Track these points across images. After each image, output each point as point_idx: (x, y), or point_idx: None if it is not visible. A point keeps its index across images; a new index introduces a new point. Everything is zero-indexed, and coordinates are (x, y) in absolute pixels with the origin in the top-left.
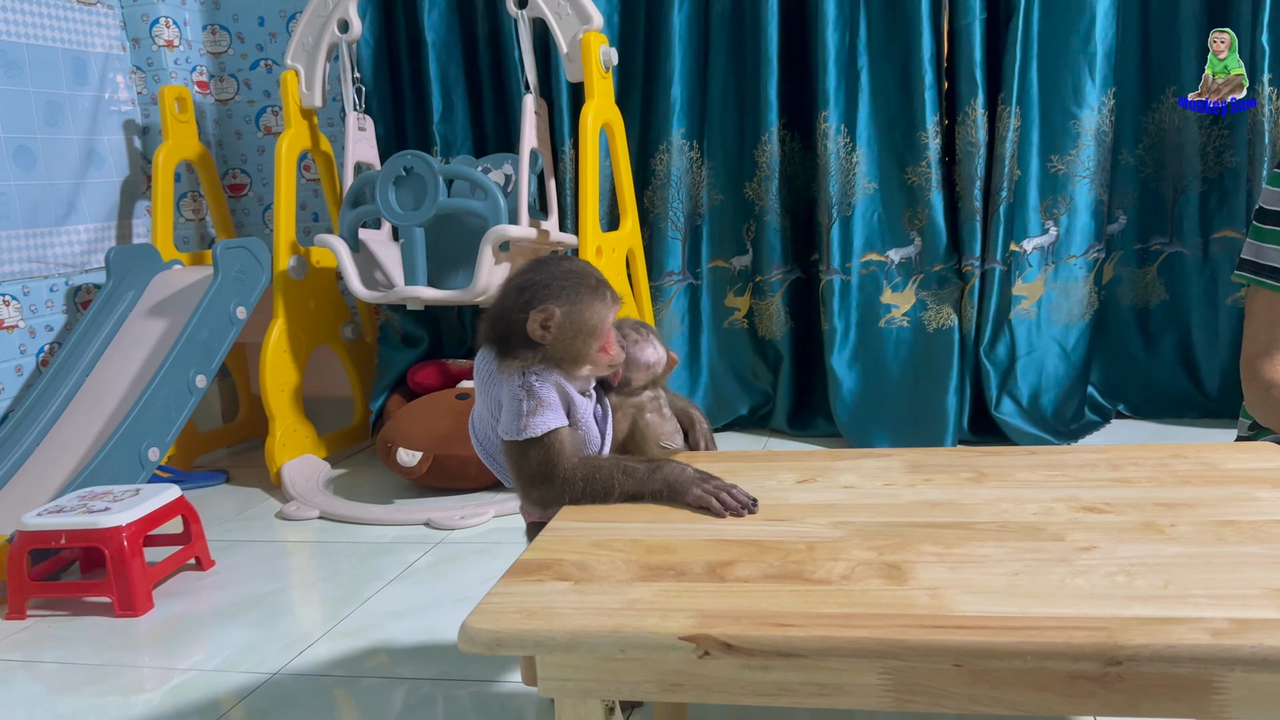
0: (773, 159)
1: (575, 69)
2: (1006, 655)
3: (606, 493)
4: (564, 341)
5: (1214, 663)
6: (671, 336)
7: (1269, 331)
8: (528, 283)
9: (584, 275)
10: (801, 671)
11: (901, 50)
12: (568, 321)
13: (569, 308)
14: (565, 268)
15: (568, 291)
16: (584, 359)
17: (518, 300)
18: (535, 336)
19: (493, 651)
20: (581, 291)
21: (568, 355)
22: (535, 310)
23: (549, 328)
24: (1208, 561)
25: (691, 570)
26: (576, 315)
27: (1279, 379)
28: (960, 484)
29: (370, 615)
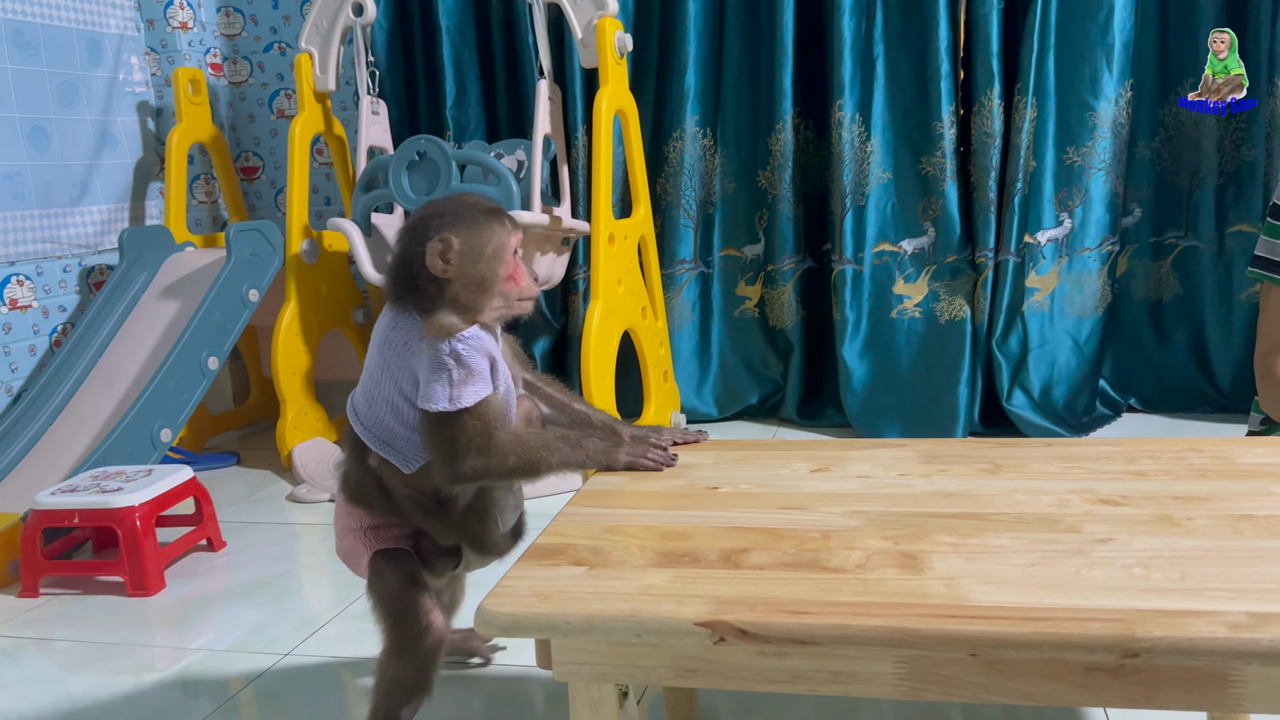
0: (786, 147)
1: (590, 55)
2: (1023, 646)
3: (538, 462)
4: (467, 271)
5: (1231, 656)
6: (682, 325)
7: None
8: (419, 219)
9: (477, 203)
10: (816, 659)
11: (918, 39)
12: (467, 247)
13: (465, 233)
14: (455, 199)
15: (461, 218)
16: (490, 288)
17: (413, 239)
18: (436, 270)
19: (509, 634)
20: (477, 216)
21: (473, 285)
22: (432, 241)
23: (449, 259)
24: (1224, 555)
25: (706, 557)
26: (474, 240)
27: None
28: (975, 475)
29: None
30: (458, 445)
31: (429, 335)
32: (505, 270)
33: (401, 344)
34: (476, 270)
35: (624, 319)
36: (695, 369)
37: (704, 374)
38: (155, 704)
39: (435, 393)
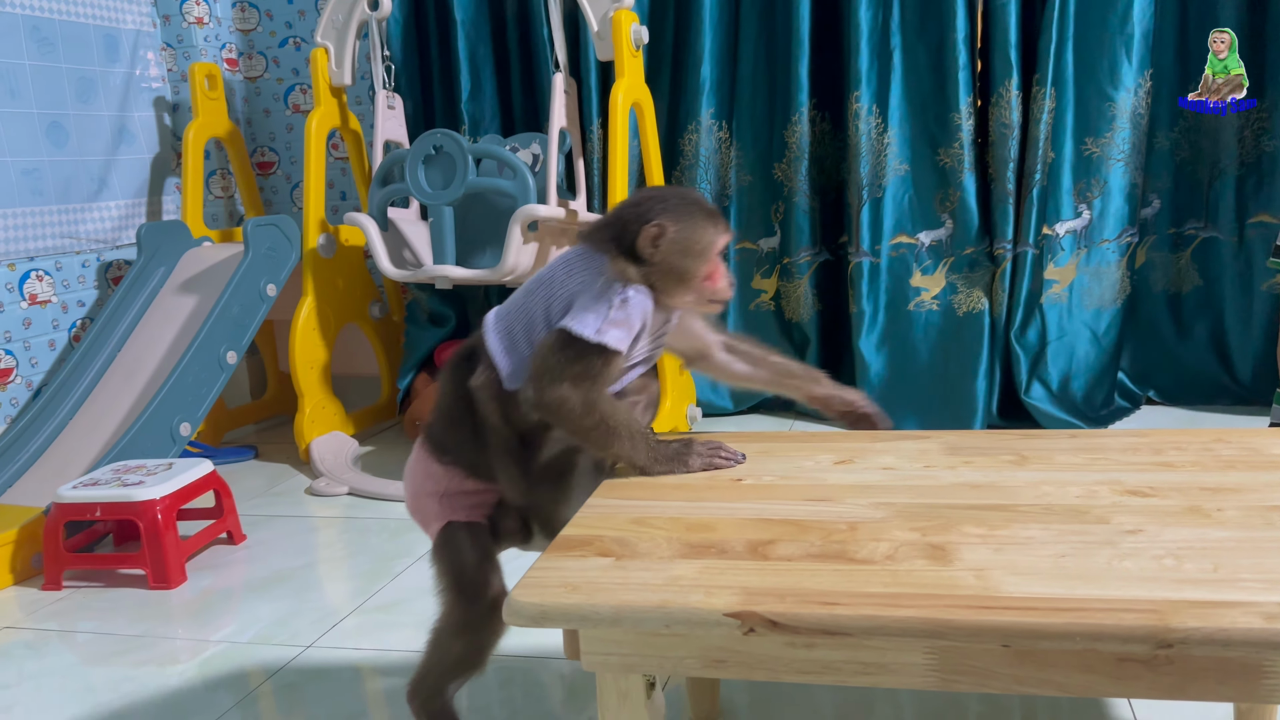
0: (803, 140)
1: (606, 47)
2: (1055, 636)
3: (614, 436)
4: (671, 260)
5: (1266, 647)
6: None
7: None
8: (644, 198)
9: (699, 200)
10: (846, 650)
11: (935, 30)
12: (678, 239)
13: (680, 226)
14: (682, 192)
15: (681, 211)
16: (688, 282)
17: (634, 213)
18: (644, 253)
19: (538, 625)
20: (696, 213)
21: (672, 275)
22: (649, 224)
23: (659, 244)
24: (1256, 546)
25: (733, 548)
26: (687, 234)
27: None
28: (1001, 466)
29: (400, 591)
30: (566, 371)
31: (611, 271)
32: (706, 269)
33: (577, 270)
34: (680, 263)
35: None
36: None
37: None
38: (177, 696)
39: (586, 318)
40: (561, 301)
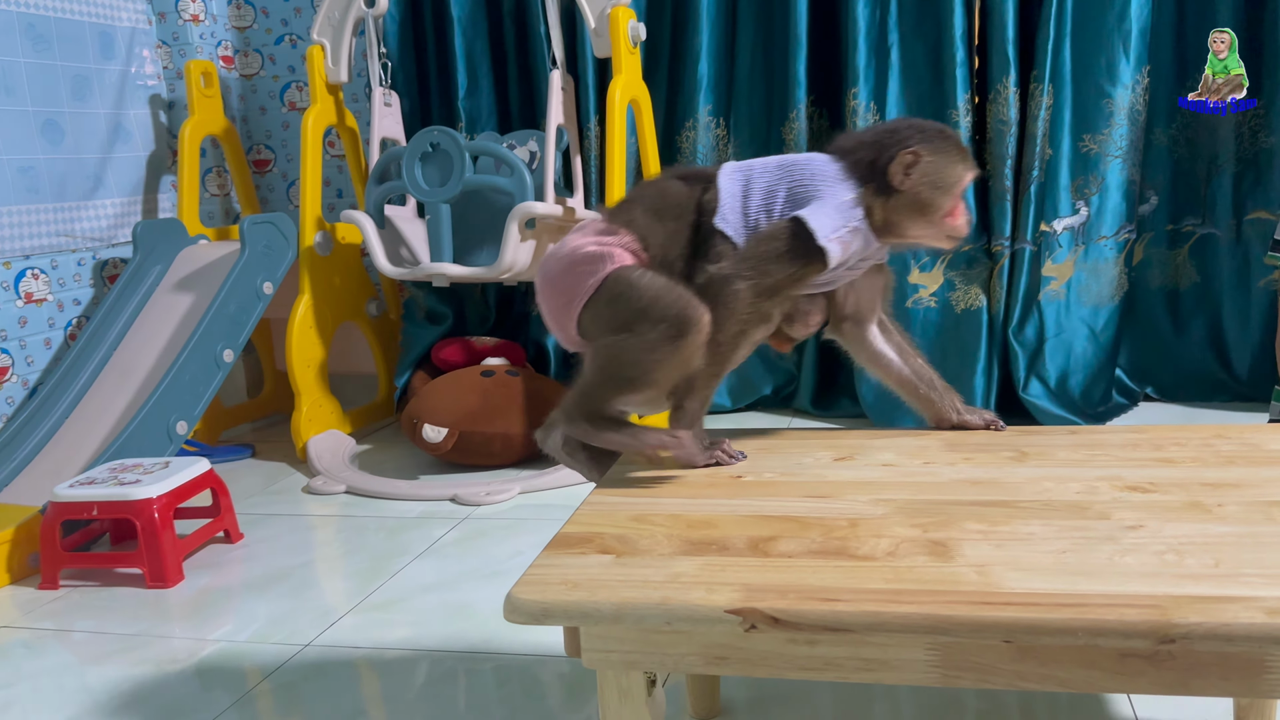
0: (800, 137)
1: (603, 44)
2: (1058, 632)
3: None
4: (919, 190)
5: (1268, 641)
6: None
7: None
8: (903, 126)
9: (955, 135)
10: (848, 646)
11: (933, 27)
12: (931, 170)
13: (935, 158)
14: (939, 125)
15: (937, 143)
16: (931, 215)
17: (891, 139)
18: (894, 180)
19: (539, 622)
20: (951, 147)
21: (917, 206)
22: (904, 150)
23: (910, 173)
24: (1258, 541)
25: (734, 545)
26: (941, 167)
27: None
28: (1001, 463)
29: (398, 589)
30: (779, 265)
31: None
32: (950, 205)
33: (829, 176)
34: (928, 195)
35: None
36: None
37: None
38: (175, 695)
39: (825, 220)
40: (803, 196)
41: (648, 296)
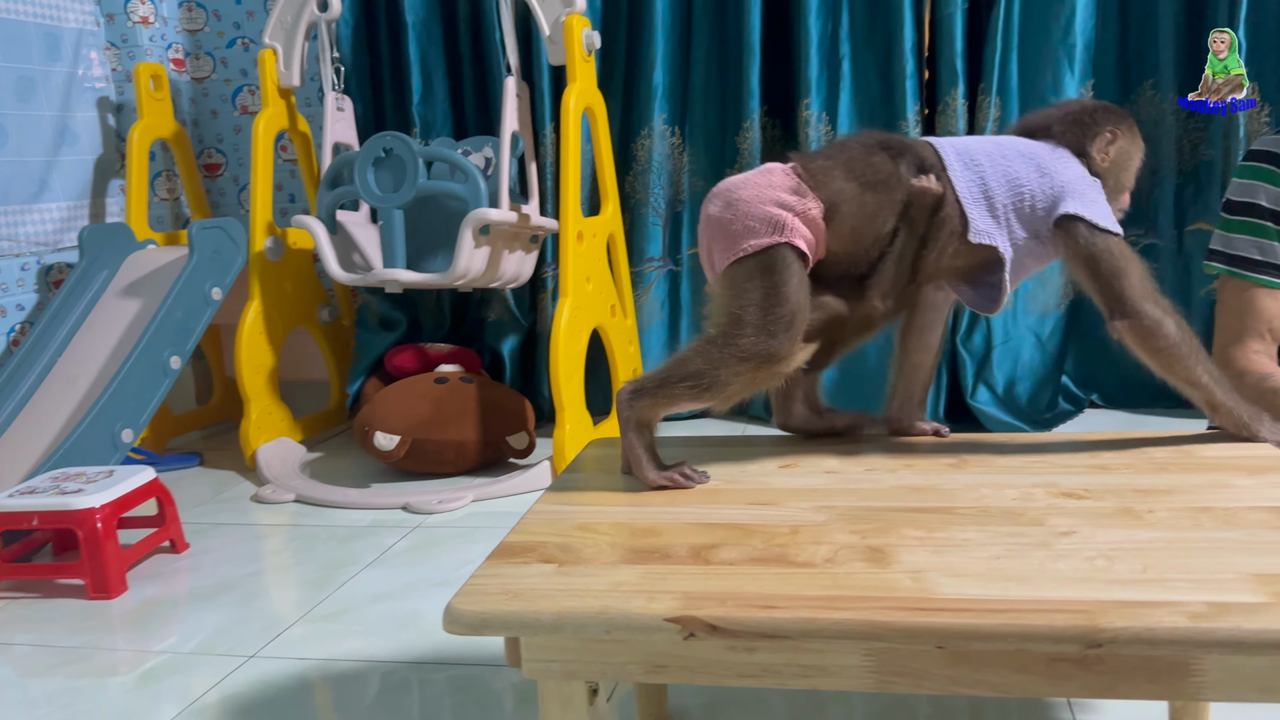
0: (754, 146)
1: (557, 52)
2: (989, 637)
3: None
4: (1113, 170)
5: (1191, 645)
6: (651, 323)
7: (1240, 320)
8: (1094, 108)
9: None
10: (786, 653)
11: (883, 39)
12: (1124, 150)
13: (1128, 139)
14: (1115, 107)
15: (1128, 124)
16: (1117, 194)
17: (1088, 118)
18: (1096, 155)
19: (478, 633)
20: (1134, 128)
21: (1107, 185)
22: (1106, 129)
23: (1109, 153)
24: (1185, 547)
25: (676, 553)
26: (1131, 148)
27: (1251, 367)
28: (941, 469)
29: (347, 598)
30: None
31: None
32: (1131, 183)
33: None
34: (1118, 174)
35: (593, 317)
36: None
37: None
38: (118, 708)
39: (1099, 209)
40: (1055, 185)
41: (771, 299)
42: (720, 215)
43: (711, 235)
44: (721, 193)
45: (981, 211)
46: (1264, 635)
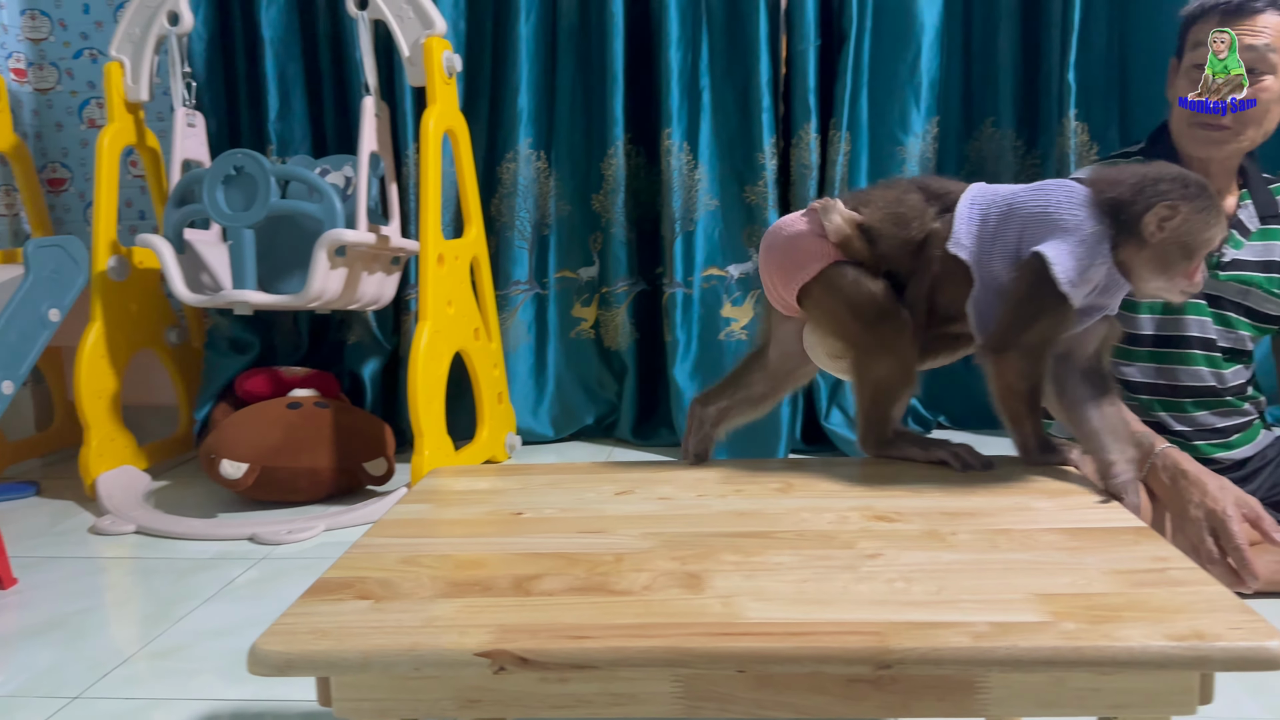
0: (619, 172)
1: (417, 73)
2: (786, 660)
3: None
4: (1169, 246)
5: (974, 664)
6: (518, 346)
7: None
8: (1167, 174)
9: (1214, 195)
10: (597, 683)
11: (741, 73)
12: (1185, 230)
13: (1195, 217)
14: (1200, 181)
15: (1200, 200)
16: (1169, 272)
17: (1151, 186)
18: (1146, 231)
19: (283, 673)
20: (1209, 206)
21: (1159, 261)
22: (1163, 204)
23: (1164, 229)
24: (979, 568)
25: (498, 585)
26: (1196, 227)
27: None
28: (768, 494)
29: (183, 635)
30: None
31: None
32: (1193, 266)
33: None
34: (1175, 253)
35: (455, 340)
36: (531, 390)
37: (540, 395)
38: None
39: (1067, 261)
40: (1050, 229)
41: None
42: (773, 251)
43: (770, 270)
44: (773, 231)
45: (968, 230)
46: (1039, 653)
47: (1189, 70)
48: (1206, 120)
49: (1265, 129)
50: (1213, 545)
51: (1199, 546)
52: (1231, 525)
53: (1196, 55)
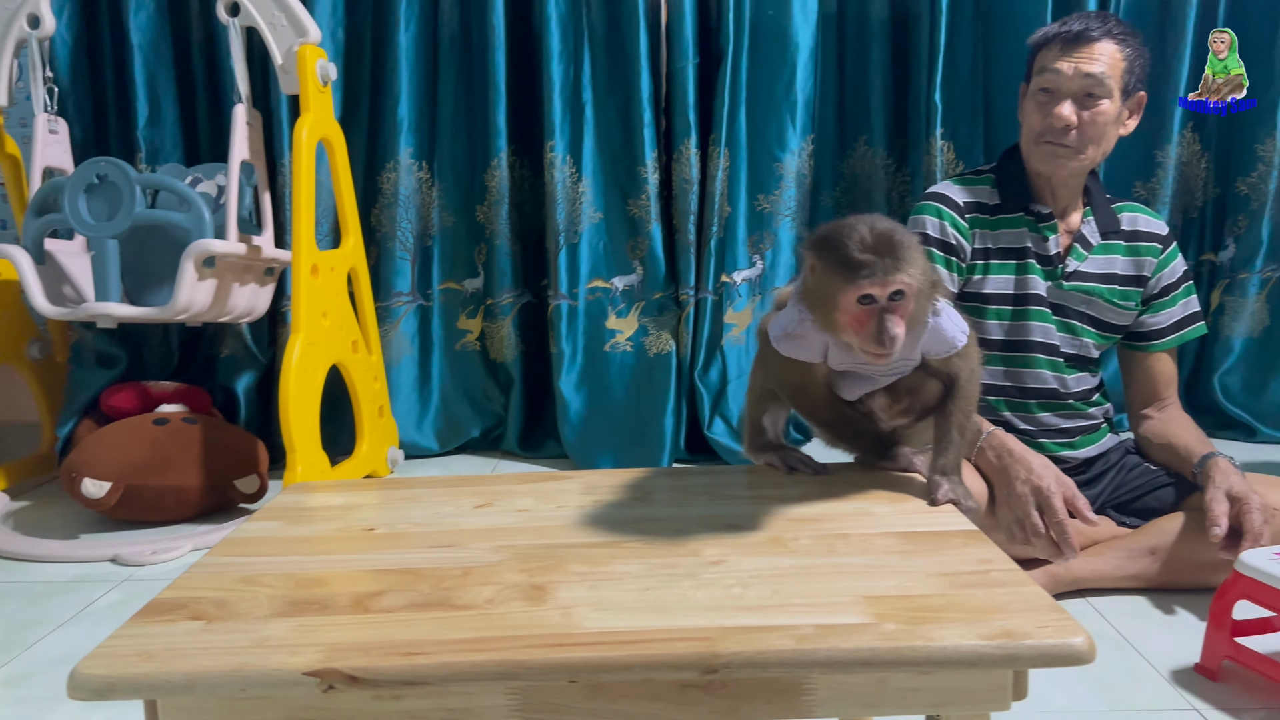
0: (502, 184)
1: (290, 81)
2: (617, 669)
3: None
4: (813, 294)
5: (796, 666)
6: (401, 359)
7: None
8: (840, 222)
9: (848, 242)
10: (432, 698)
11: (623, 88)
12: (816, 279)
13: (821, 266)
14: (861, 223)
15: (824, 250)
16: (831, 325)
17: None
18: (806, 280)
19: (104, 697)
20: (833, 257)
21: (818, 308)
22: (806, 248)
23: (807, 281)
24: (812, 572)
25: (337, 603)
26: (821, 279)
27: None
28: (627, 503)
29: (32, 662)
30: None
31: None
32: (844, 319)
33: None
34: (818, 302)
35: (331, 353)
36: (415, 403)
37: (425, 408)
38: None
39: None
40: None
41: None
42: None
43: None
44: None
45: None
46: (858, 654)
47: (1035, 94)
48: (1051, 139)
49: (1104, 149)
50: (1037, 519)
51: (1024, 520)
52: (1054, 500)
53: (1042, 80)
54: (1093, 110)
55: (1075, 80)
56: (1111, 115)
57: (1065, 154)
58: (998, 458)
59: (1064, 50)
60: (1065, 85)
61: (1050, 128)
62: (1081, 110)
